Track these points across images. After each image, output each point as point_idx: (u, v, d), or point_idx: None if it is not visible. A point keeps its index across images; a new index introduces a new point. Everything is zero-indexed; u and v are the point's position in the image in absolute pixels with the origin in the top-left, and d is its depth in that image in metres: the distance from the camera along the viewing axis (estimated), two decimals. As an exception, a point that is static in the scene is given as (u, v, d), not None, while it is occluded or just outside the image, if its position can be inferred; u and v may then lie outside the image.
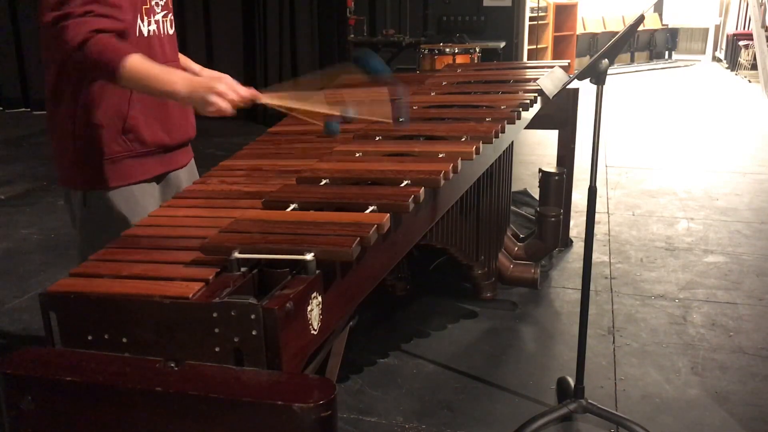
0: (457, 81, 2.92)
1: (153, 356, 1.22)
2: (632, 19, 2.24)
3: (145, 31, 1.84)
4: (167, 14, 1.93)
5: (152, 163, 1.94)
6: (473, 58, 7.05)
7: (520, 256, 3.43)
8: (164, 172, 1.99)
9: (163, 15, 1.91)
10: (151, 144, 1.91)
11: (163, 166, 1.98)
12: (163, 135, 1.92)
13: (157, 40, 1.89)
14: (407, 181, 1.66)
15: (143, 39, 1.84)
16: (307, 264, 1.30)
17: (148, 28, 1.85)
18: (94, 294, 1.28)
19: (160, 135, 1.92)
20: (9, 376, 1.19)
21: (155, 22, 1.88)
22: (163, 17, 1.91)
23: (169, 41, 1.95)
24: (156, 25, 1.88)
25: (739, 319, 3.12)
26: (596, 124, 2.19)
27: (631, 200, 4.82)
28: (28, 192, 5.19)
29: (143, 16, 1.83)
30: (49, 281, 3.31)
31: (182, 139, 2.01)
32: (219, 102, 1.62)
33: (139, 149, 1.89)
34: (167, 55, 1.93)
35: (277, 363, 1.19)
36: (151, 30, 1.86)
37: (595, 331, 2.99)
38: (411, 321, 3.14)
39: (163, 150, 1.95)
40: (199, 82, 1.67)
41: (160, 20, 1.90)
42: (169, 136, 1.95)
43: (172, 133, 1.95)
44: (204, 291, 1.25)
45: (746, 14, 11.87)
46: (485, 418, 2.45)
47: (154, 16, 1.87)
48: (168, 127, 1.94)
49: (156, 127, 1.91)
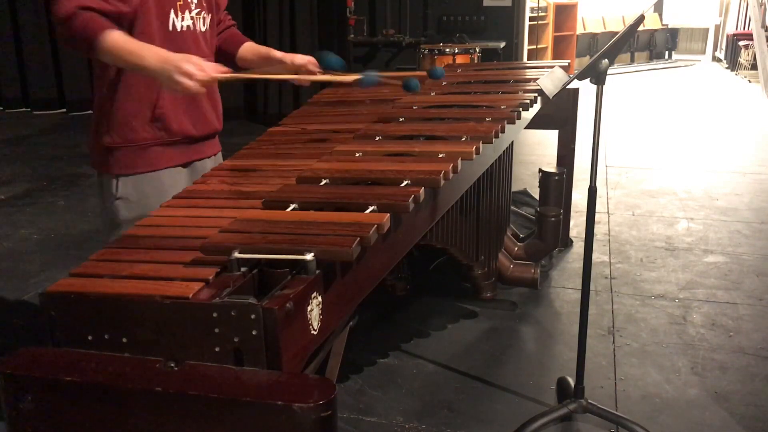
0: (457, 81, 2.92)
1: (153, 356, 1.22)
2: (632, 19, 2.24)
3: (178, 26, 1.96)
4: (201, 11, 2.04)
5: (178, 152, 2.05)
6: (473, 58, 7.05)
7: (520, 256, 3.43)
8: (190, 161, 2.10)
9: (197, 12, 2.02)
10: (178, 133, 2.02)
11: (188, 155, 2.09)
12: (189, 126, 2.03)
13: (190, 35, 2.00)
14: (407, 181, 1.66)
15: (176, 33, 1.96)
16: (307, 264, 1.30)
17: (182, 24, 1.97)
18: (94, 294, 1.28)
19: (187, 126, 2.03)
20: (9, 376, 1.19)
21: (190, 18, 1.99)
22: (197, 14, 2.02)
23: (203, 38, 2.05)
24: (191, 21, 2.00)
25: (739, 319, 3.12)
26: (596, 124, 2.19)
27: (631, 200, 4.82)
28: (28, 192, 5.19)
29: (177, 12, 1.95)
30: (49, 281, 3.31)
31: (208, 131, 2.12)
32: (184, 81, 1.72)
33: (166, 138, 2.01)
34: (200, 50, 2.03)
35: (277, 363, 1.19)
36: (185, 26, 1.98)
37: (595, 331, 2.99)
38: (411, 321, 3.14)
39: (189, 140, 2.07)
40: (168, 59, 1.74)
41: (194, 17, 2.01)
42: (195, 128, 2.06)
43: (198, 124, 2.06)
44: (204, 291, 1.25)
45: (746, 14, 11.87)
46: (485, 418, 2.45)
47: (189, 13, 1.99)
48: (195, 118, 2.06)
49: (183, 118, 2.02)
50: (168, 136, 2.01)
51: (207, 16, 2.07)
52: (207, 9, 2.08)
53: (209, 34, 2.11)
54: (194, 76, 1.72)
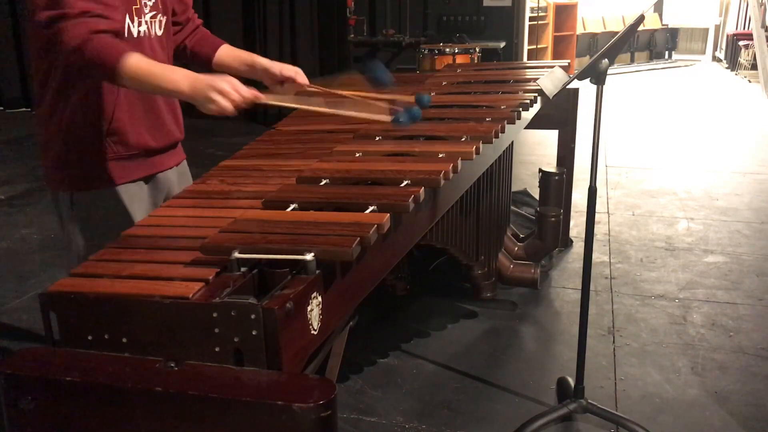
0: (457, 81, 2.92)
1: (153, 356, 1.22)
2: (632, 19, 2.24)
3: (134, 32, 1.82)
4: (156, 15, 1.90)
5: (137, 166, 1.92)
6: (473, 58, 7.05)
7: (520, 256, 3.42)
8: (151, 174, 1.97)
9: (152, 16, 1.88)
10: (136, 147, 1.89)
11: (148, 169, 1.96)
12: (148, 138, 1.90)
13: (147, 41, 1.86)
14: (407, 181, 1.66)
15: (133, 39, 1.82)
16: (307, 264, 1.30)
17: (138, 29, 1.83)
18: (94, 294, 1.28)
19: (146, 138, 1.90)
20: (9, 376, 1.19)
21: (145, 22, 1.85)
22: (151, 18, 1.88)
23: (158, 42, 1.91)
24: (146, 25, 1.86)
25: (739, 319, 3.12)
26: (596, 124, 2.19)
27: (631, 200, 4.82)
28: (28, 192, 5.19)
29: (133, 16, 1.81)
30: (49, 281, 3.31)
31: (168, 141, 1.99)
32: (221, 101, 1.63)
33: (124, 152, 1.87)
34: (157, 56, 1.88)
35: (277, 363, 1.19)
36: (142, 31, 1.84)
37: (595, 331, 2.99)
38: (411, 321, 3.14)
39: (149, 153, 1.94)
40: (201, 81, 1.65)
41: (149, 21, 1.87)
42: (155, 140, 1.93)
43: (158, 135, 1.93)
44: (204, 291, 1.25)
45: (746, 14, 11.87)
46: (485, 418, 2.45)
47: (144, 17, 1.85)
48: (154, 130, 1.92)
49: (141, 130, 1.89)
50: (125, 150, 1.87)
51: (162, 19, 1.93)
52: (162, 11, 1.92)
53: (165, 38, 1.96)
54: (230, 95, 1.64)
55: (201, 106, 1.66)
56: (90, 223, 1.88)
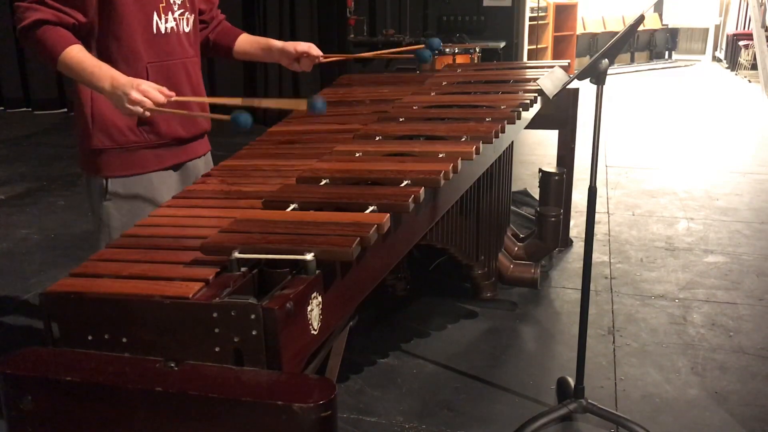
0: (457, 81, 2.92)
1: (153, 356, 1.22)
2: (632, 19, 2.24)
3: (162, 28, 1.95)
4: (184, 12, 2.02)
5: (168, 154, 2.03)
6: (473, 58, 7.04)
7: (520, 256, 3.42)
8: (180, 162, 2.09)
9: (180, 13, 2.01)
10: (167, 136, 2.00)
11: (178, 157, 2.07)
12: (178, 127, 2.01)
13: (175, 37, 2.00)
14: (407, 181, 1.66)
15: (162, 36, 1.96)
16: (307, 264, 1.30)
17: (166, 26, 1.96)
18: (94, 294, 1.28)
19: (175, 127, 2.01)
20: (9, 376, 1.19)
21: (174, 19, 1.98)
22: (180, 15, 2.00)
23: (186, 38, 2.04)
24: (174, 22, 1.99)
25: (739, 319, 3.12)
26: (596, 124, 2.19)
27: (631, 200, 4.82)
28: (28, 192, 5.19)
29: (160, 14, 1.94)
30: (49, 281, 3.31)
31: (197, 131, 2.11)
32: (131, 107, 1.75)
33: (155, 141, 1.99)
34: (186, 51, 2.04)
35: (277, 363, 1.19)
36: (170, 27, 1.97)
37: (595, 331, 2.99)
38: (411, 321, 3.14)
39: (179, 142, 2.05)
40: (120, 84, 1.75)
41: (178, 18, 2.00)
42: (184, 129, 2.04)
43: (187, 125, 2.04)
44: (204, 291, 1.25)
45: (746, 14, 11.87)
46: (485, 418, 2.45)
47: (172, 14, 1.98)
48: (183, 119, 2.03)
49: (172, 120, 2.00)
50: (157, 138, 1.99)
51: (190, 17, 2.06)
52: (190, 9, 2.06)
53: (192, 35, 2.08)
54: (143, 103, 1.74)
55: (116, 106, 1.79)
56: (122, 209, 1.99)
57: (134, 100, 1.74)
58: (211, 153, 2.25)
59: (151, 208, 1.91)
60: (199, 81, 2.11)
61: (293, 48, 2.17)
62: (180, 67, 2.01)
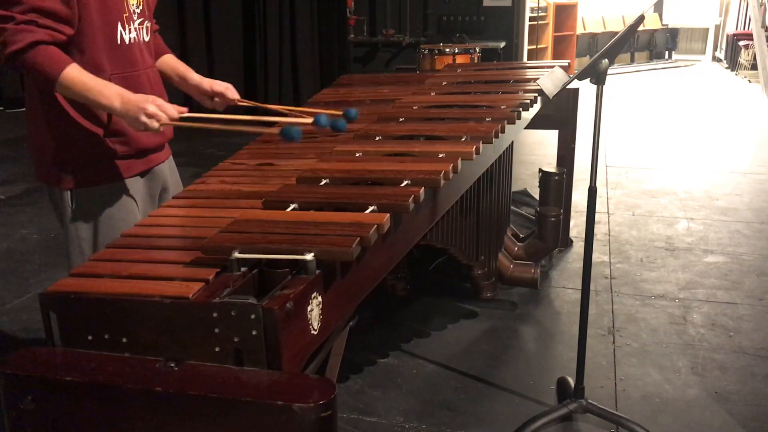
0: (457, 81, 2.92)
1: (153, 356, 1.22)
2: (632, 19, 2.24)
3: (126, 39, 1.90)
4: (143, 21, 1.98)
5: (136, 162, 1.99)
6: (473, 58, 7.05)
7: (520, 256, 3.42)
8: (148, 169, 2.04)
9: (140, 22, 1.96)
10: (135, 146, 1.95)
11: (146, 164, 2.03)
12: (144, 137, 1.96)
13: (136, 46, 1.94)
14: (407, 181, 1.66)
15: (125, 46, 1.90)
16: (307, 264, 1.30)
17: (129, 36, 1.91)
18: (94, 294, 1.28)
19: (143, 138, 1.95)
20: (9, 376, 1.19)
21: (134, 29, 1.93)
22: (139, 24, 1.96)
23: (146, 47, 2.00)
24: (135, 32, 1.94)
25: (739, 319, 3.12)
26: (596, 124, 2.19)
27: (631, 200, 4.82)
28: (28, 192, 5.19)
29: (124, 24, 1.89)
30: (49, 281, 3.31)
31: (163, 140, 2.07)
32: (148, 121, 1.74)
33: (124, 151, 1.93)
34: (146, 61, 1.99)
35: (277, 363, 1.19)
36: (131, 38, 1.92)
37: (595, 331, 2.99)
38: (411, 321, 3.14)
39: (145, 152, 2.01)
40: (132, 101, 1.74)
41: (138, 27, 1.95)
42: (150, 139, 1.98)
43: (152, 136, 1.97)
44: (204, 291, 1.25)
45: (746, 14, 11.87)
46: (485, 418, 2.45)
47: (133, 24, 1.93)
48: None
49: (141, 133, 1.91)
50: (126, 149, 1.93)
51: (148, 25, 2.01)
52: (148, 17, 2.01)
53: (151, 43, 2.05)
54: (159, 117, 1.74)
55: (129, 123, 1.77)
56: (93, 219, 1.92)
57: (151, 114, 1.73)
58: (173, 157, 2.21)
59: (122, 215, 1.91)
60: (162, 90, 2.05)
61: (209, 86, 2.14)
62: (143, 77, 1.96)
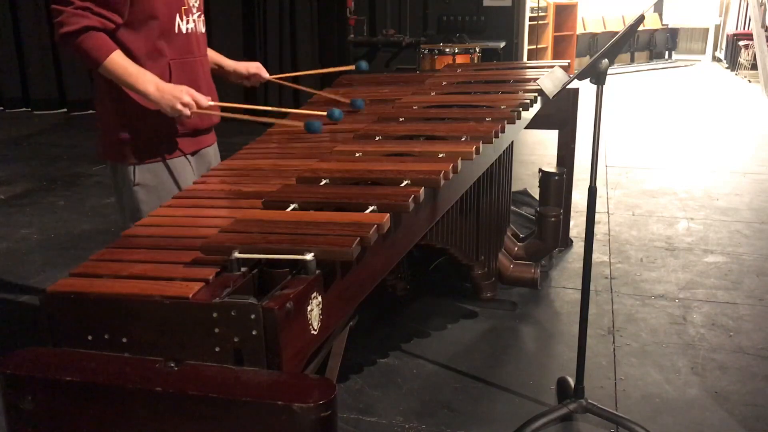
0: (457, 81, 2.92)
1: (153, 356, 1.22)
2: (632, 19, 2.24)
3: (184, 29, 2.12)
4: (201, 15, 2.21)
5: (188, 142, 2.22)
6: (473, 58, 7.05)
7: (520, 256, 3.42)
8: (197, 149, 2.27)
9: (198, 15, 2.19)
10: (189, 126, 2.17)
11: (196, 144, 2.26)
12: (197, 119, 2.16)
13: (194, 37, 2.17)
14: (407, 181, 1.66)
15: (183, 36, 2.12)
16: (307, 264, 1.30)
17: (187, 27, 2.13)
18: (94, 294, 1.28)
19: (195, 120, 2.15)
20: (9, 376, 1.19)
21: (193, 21, 2.15)
22: (197, 17, 2.18)
23: (202, 38, 2.23)
24: (194, 24, 2.16)
25: (739, 319, 3.12)
26: (596, 124, 2.19)
27: (631, 200, 4.82)
28: (28, 192, 5.19)
29: (182, 16, 2.11)
30: (49, 281, 3.30)
31: (210, 123, 2.29)
32: (182, 110, 1.98)
33: (180, 130, 2.16)
34: (201, 50, 2.23)
35: (277, 363, 1.19)
36: (189, 28, 2.14)
37: (595, 331, 2.99)
38: (411, 321, 3.14)
39: (196, 132, 2.23)
40: (166, 90, 1.98)
41: (196, 20, 2.17)
42: (201, 121, 2.21)
43: (204, 117, 2.20)
44: (204, 291, 1.25)
45: (746, 14, 11.86)
46: (485, 418, 2.45)
47: (192, 16, 2.15)
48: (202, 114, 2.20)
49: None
50: (181, 128, 2.16)
51: (203, 19, 2.24)
52: (203, 11, 2.24)
53: (205, 36, 2.27)
54: (191, 106, 1.98)
55: (164, 110, 1.99)
56: (149, 192, 2.15)
57: (186, 103, 1.96)
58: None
59: (174, 191, 2.08)
60: (210, 77, 2.29)
61: (245, 69, 2.45)
62: (198, 64, 2.19)
